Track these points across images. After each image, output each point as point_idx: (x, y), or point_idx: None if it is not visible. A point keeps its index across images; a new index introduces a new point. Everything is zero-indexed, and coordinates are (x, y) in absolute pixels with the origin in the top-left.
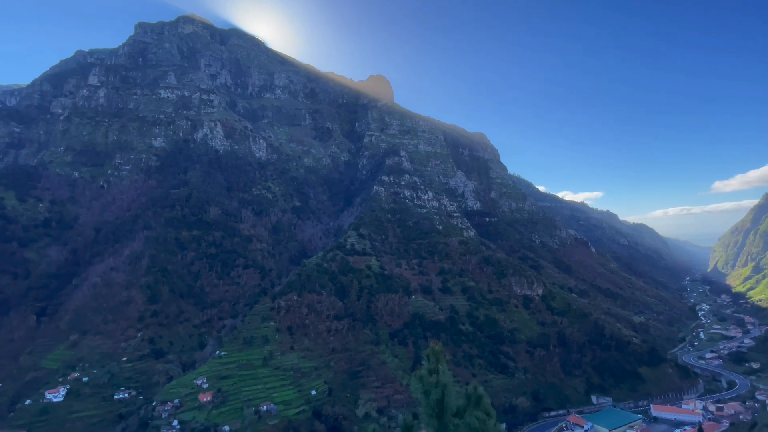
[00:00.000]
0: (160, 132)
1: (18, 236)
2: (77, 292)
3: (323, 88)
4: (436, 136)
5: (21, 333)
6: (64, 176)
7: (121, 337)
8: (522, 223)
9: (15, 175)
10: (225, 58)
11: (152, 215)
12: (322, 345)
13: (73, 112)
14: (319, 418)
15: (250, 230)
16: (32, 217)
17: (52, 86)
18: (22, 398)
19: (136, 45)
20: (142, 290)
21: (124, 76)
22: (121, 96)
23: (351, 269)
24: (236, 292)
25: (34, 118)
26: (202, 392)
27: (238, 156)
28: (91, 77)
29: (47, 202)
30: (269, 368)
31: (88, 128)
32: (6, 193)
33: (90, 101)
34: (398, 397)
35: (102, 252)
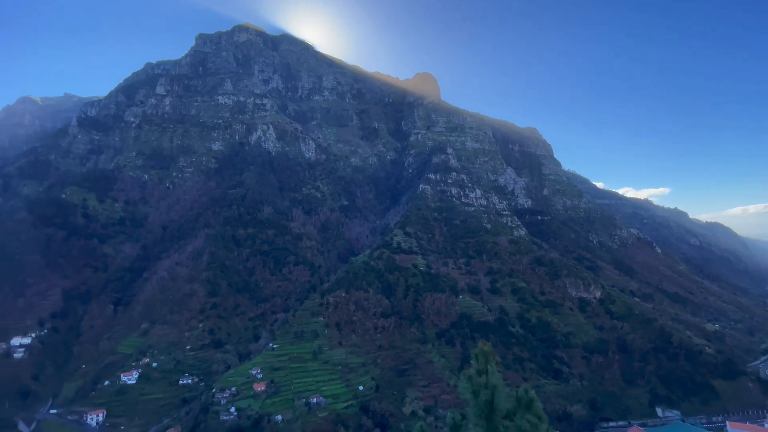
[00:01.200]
0: (219, 136)
1: (98, 233)
2: (147, 285)
3: (369, 88)
4: (484, 133)
5: (101, 321)
6: (136, 178)
7: (185, 327)
8: (578, 222)
9: (95, 178)
10: (276, 63)
11: (212, 214)
12: (369, 342)
13: (143, 120)
14: (366, 414)
15: (301, 228)
16: (110, 216)
17: (126, 97)
18: (102, 379)
19: (196, 55)
20: (203, 284)
21: (187, 84)
22: (184, 103)
23: (397, 267)
24: (288, 287)
25: (111, 127)
26: (257, 382)
27: (288, 157)
28: (158, 87)
29: (122, 202)
30: (318, 362)
31: (156, 134)
32: (88, 195)
33: (157, 109)
34: (445, 397)
35: (168, 248)
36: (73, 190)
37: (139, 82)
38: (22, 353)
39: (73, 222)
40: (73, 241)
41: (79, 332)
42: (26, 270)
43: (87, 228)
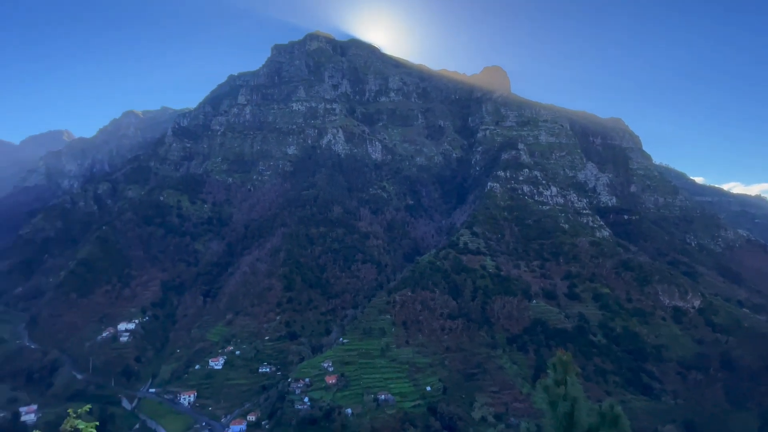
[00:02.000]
0: (293, 141)
1: (190, 231)
2: (231, 279)
3: (435, 86)
4: (560, 126)
5: (192, 310)
6: (222, 182)
7: (263, 319)
8: (672, 222)
9: (188, 182)
10: (345, 68)
11: (288, 214)
12: (436, 342)
13: (227, 128)
14: (434, 415)
15: (368, 227)
16: (200, 216)
17: (212, 107)
18: (193, 363)
19: (272, 65)
20: (280, 279)
21: (264, 93)
22: (262, 111)
23: (464, 268)
24: (356, 284)
25: (200, 135)
26: (328, 375)
27: (356, 158)
28: (239, 97)
29: (210, 203)
30: (386, 359)
31: (238, 141)
32: (182, 197)
33: (239, 118)
34: (517, 405)
35: (250, 245)
36: (170, 192)
37: (223, 93)
38: (127, 337)
39: (170, 221)
40: (170, 238)
41: (174, 320)
42: (131, 263)
43: (181, 227)
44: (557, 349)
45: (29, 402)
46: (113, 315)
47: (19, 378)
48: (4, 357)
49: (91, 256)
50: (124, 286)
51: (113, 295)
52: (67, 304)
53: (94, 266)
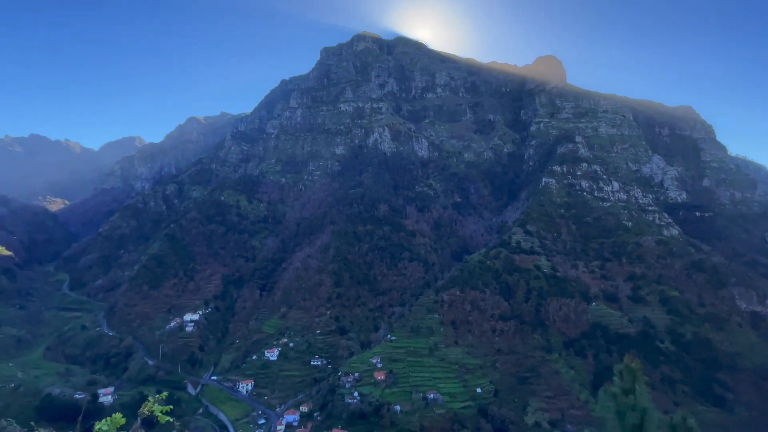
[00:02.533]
0: (341, 141)
1: (248, 229)
2: (285, 274)
3: (484, 80)
4: (622, 116)
5: (250, 303)
6: (275, 182)
7: (315, 313)
8: (750, 219)
9: (245, 183)
10: (391, 66)
11: (336, 212)
12: (486, 344)
13: (280, 131)
14: (485, 417)
15: (414, 225)
16: (256, 215)
17: (266, 111)
18: (250, 354)
19: (321, 68)
20: (329, 275)
21: (314, 96)
22: (312, 113)
23: (517, 268)
24: (403, 282)
25: (256, 138)
26: (377, 371)
27: (402, 156)
28: (291, 101)
29: (265, 202)
30: (435, 359)
31: (290, 143)
32: (240, 197)
33: (291, 120)
34: (574, 412)
35: (301, 242)
36: (229, 193)
37: (277, 98)
38: (192, 327)
39: (230, 219)
40: (230, 235)
41: (233, 312)
42: (196, 259)
43: (240, 225)
44: (626, 356)
45: (107, 384)
46: (180, 306)
47: (98, 362)
48: (86, 343)
49: (161, 251)
50: (189, 279)
51: (180, 287)
52: (140, 295)
53: (163, 261)
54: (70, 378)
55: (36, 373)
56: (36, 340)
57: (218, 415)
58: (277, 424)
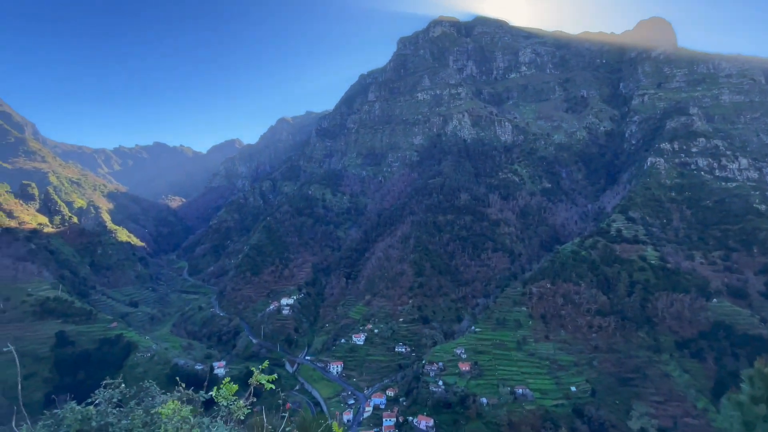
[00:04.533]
0: (419, 131)
1: (333, 221)
2: (368, 263)
3: (575, 53)
4: (750, 80)
5: (337, 290)
6: (357, 175)
7: (397, 302)
8: None
9: (329, 177)
10: (470, 49)
11: (415, 203)
12: (581, 340)
13: (360, 125)
14: (580, 418)
15: (498, 214)
16: (340, 207)
17: (347, 107)
18: (339, 337)
19: (398, 59)
20: (410, 265)
21: (391, 87)
22: (390, 105)
23: (617, 259)
24: (486, 273)
25: (338, 134)
26: (462, 361)
27: (484, 142)
28: (369, 94)
29: (348, 195)
30: (523, 353)
31: (369, 135)
32: (325, 191)
33: (370, 114)
34: (689, 420)
35: (383, 233)
36: (316, 187)
37: (356, 93)
38: (288, 311)
39: (317, 212)
40: (317, 227)
41: (323, 297)
42: (289, 248)
43: (326, 217)
44: (758, 360)
45: (219, 359)
46: (277, 291)
47: (212, 338)
48: (203, 321)
49: (259, 242)
50: (284, 267)
51: (276, 274)
52: (244, 281)
53: (261, 250)
54: (191, 351)
55: (166, 346)
56: (164, 318)
57: (312, 393)
58: (365, 405)
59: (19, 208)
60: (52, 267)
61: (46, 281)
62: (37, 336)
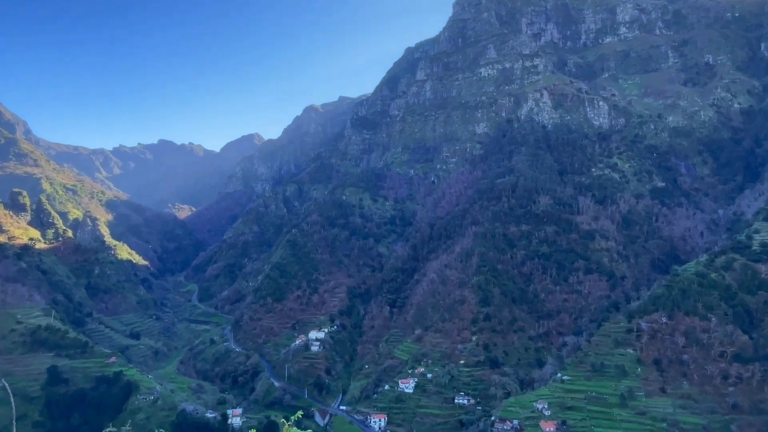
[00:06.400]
0: (482, 116)
1: (373, 233)
2: (418, 288)
3: (695, 5)
4: None
5: (379, 321)
6: (403, 175)
7: (457, 338)
8: None
9: (368, 178)
10: (550, 8)
11: (479, 209)
12: (713, 396)
13: (406, 112)
14: None
15: (591, 224)
16: (382, 215)
17: (390, 89)
18: (382, 382)
19: (454, 26)
20: (473, 290)
21: (446, 62)
22: (444, 85)
23: (763, 284)
24: (577, 302)
25: (378, 123)
26: (544, 420)
27: (570, 128)
28: (418, 72)
29: (392, 200)
30: (629, 411)
31: (418, 124)
32: (363, 195)
33: (419, 97)
34: None
35: (436, 248)
36: (351, 191)
37: (401, 71)
38: (317, 347)
39: (353, 222)
40: (354, 240)
41: (361, 331)
42: (318, 268)
43: (364, 228)
44: None
45: (235, 405)
46: (304, 321)
47: (226, 379)
48: (215, 358)
49: (283, 260)
50: (312, 291)
51: (303, 300)
52: (264, 308)
53: (285, 270)
54: (201, 395)
55: (171, 387)
56: (170, 353)
57: None
58: None
59: (9, 220)
60: (44, 289)
61: (37, 306)
62: (27, 371)
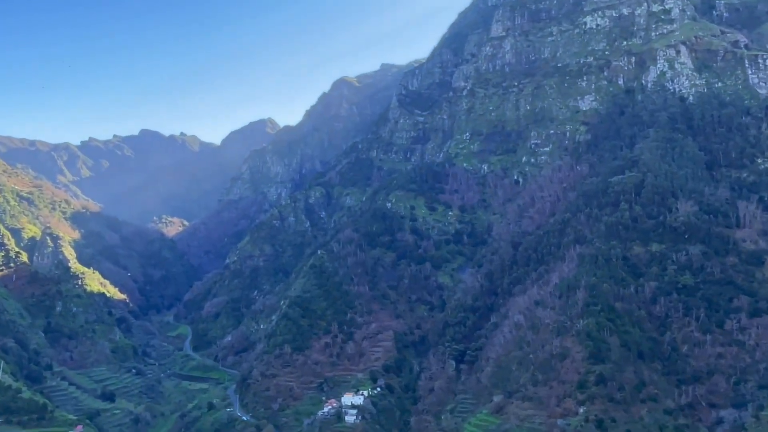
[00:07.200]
0: (588, 85)
1: (429, 255)
2: (497, 334)
3: None
4: None
5: (441, 381)
6: (472, 172)
7: (556, 410)
8: None
9: (422, 177)
10: None
11: (585, 220)
12: None
13: (476, 82)
14: None
15: (758, 241)
16: (442, 230)
17: (453, 52)
18: None
19: None
20: (579, 339)
21: (534, 10)
22: (531, 43)
23: None
24: (738, 359)
25: (436, 100)
26: None
27: (722, 101)
28: (493, 26)
29: (456, 209)
30: None
31: (494, 100)
32: (415, 201)
33: (494, 61)
34: None
35: (522, 277)
36: (398, 196)
37: (468, 26)
38: (354, 416)
39: (401, 240)
40: (403, 266)
41: (415, 395)
42: (354, 304)
43: (417, 248)
44: None
45: None
46: (335, 380)
47: None
48: (215, 430)
49: (305, 293)
50: (346, 338)
51: (334, 350)
52: (280, 360)
53: (309, 308)
54: None
55: None
56: (155, 421)
57: None
58: None
59: None
60: None
61: None
62: None
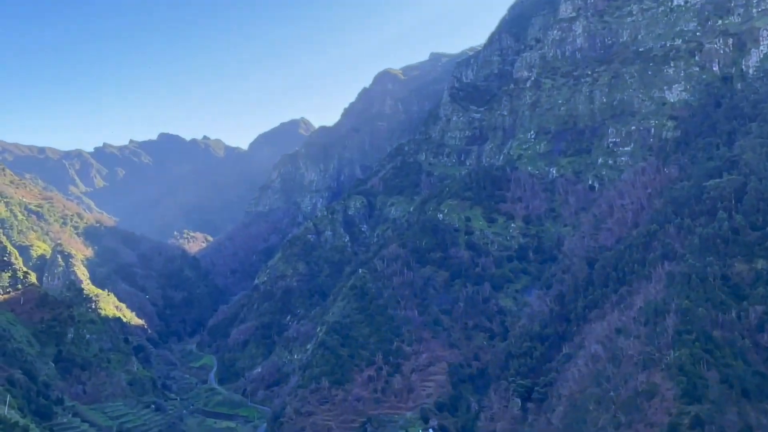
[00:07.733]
0: (677, 73)
1: (489, 274)
2: (570, 367)
3: None
4: None
5: (504, 423)
6: (538, 177)
7: None
8: None
9: (480, 184)
10: None
11: (675, 232)
12: None
13: (542, 72)
14: None
15: None
16: (503, 245)
17: (513, 37)
18: None
19: None
20: (669, 374)
21: None
22: (607, 24)
23: None
24: None
25: (495, 94)
26: None
27: None
28: (562, 6)
29: (520, 220)
30: None
31: (563, 92)
32: (471, 212)
33: (563, 47)
34: None
35: (600, 300)
36: (451, 205)
37: (532, 7)
38: None
39: (455, 257)
40: (457, 287)
41: None
42: (401, 331)
43: (474, 266)
44: None
45: None
46: (380, 420)
47: None
48: None
49: (345, 318)
50: (393, 370)
51: (378, 384)
52: (316, 395)
53: (349, 335)
54: None
55: None
56: None
57: None
58: None
59: None
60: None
61: None
62: None
